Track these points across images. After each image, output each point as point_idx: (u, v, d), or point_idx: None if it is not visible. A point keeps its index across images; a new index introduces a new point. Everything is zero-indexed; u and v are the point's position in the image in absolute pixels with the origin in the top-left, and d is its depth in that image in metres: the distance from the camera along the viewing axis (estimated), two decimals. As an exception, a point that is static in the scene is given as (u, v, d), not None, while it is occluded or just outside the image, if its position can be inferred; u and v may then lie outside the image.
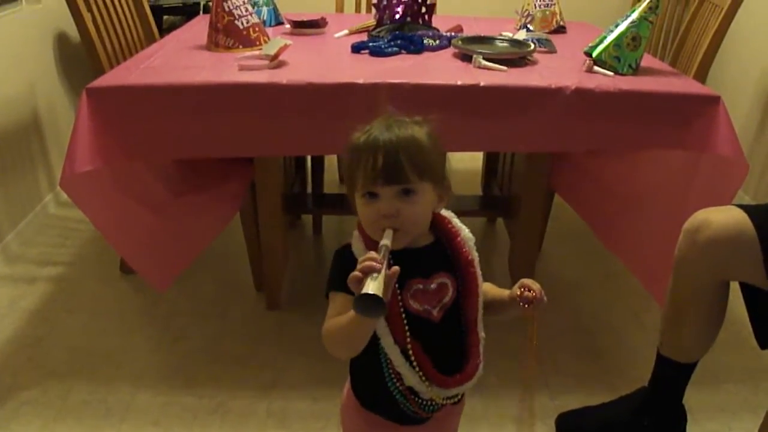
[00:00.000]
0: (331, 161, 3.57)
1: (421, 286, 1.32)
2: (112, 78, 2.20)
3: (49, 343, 2.52)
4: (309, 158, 3.31)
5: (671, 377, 2.04)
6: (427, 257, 1.25)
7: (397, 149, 1.24)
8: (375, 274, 1.12)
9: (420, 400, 1.35)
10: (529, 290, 1.34)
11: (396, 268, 1.15)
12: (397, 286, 1.27)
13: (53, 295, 2.83)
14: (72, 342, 2.53)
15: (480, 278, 1.38)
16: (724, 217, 1.77)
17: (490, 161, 3.36)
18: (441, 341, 1.34)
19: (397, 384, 1.33)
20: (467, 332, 1.37)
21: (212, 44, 2.50)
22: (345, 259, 1.30)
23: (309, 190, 3.34)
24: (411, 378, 1.32)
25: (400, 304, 1.29)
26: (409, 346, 1.30)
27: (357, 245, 1.32)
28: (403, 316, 1.29)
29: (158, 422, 2.17)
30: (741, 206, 1.80)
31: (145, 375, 2.38)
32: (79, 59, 3.54)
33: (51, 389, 2.29)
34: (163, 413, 2.21)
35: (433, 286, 1.33)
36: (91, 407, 2.22)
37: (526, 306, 1.34)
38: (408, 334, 1.30)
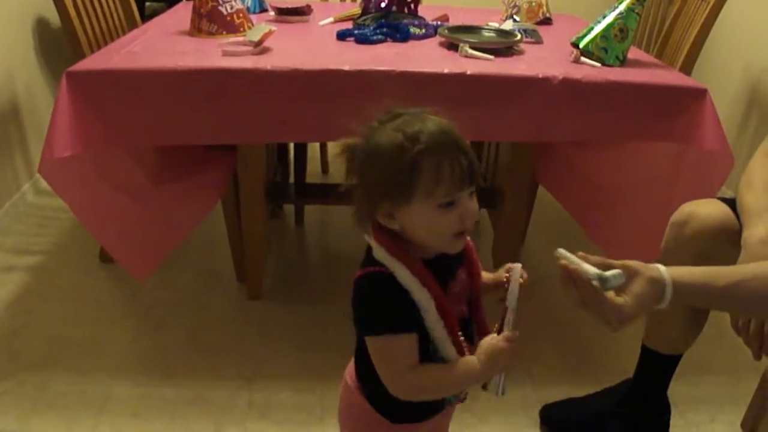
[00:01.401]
0: (314, 150, 3.55)
1: (457, 289, 1.29)
2: (92, 62, 2.17)
3: (27, 333, 2.49)
4: (292, 147, 3.28)
5: (656, 369, 2.05)
6: (448, 256, 1.23)
7: (467, 147, 1.19)
8: None
9: (461, 394, 1.36)
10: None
11: None
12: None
13: (31, 285, 2.79)
14: (50, 332, 2.50)
15: None
16: (711, 210, 1.80)
17: (475, 151, 3.33)
18: (469, 331, 1.32)
19: None
20: (477, 312, 1.35)
21: (195, 30, 2.48)
22: (395, 294, 1.20)
23: (291, 179, 3.31)
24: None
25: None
26: (466, 353, 1.26)
27: (402, 273, 1.20)
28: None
29: (137, 413, 2.15)
30: (725, 200, 1.83)
31: (125, 366, 2.35)
32: (59, 45, 3.50)
33: (28, 380, 2.26)
34: (143, 404, 2.18)
35: (459, 285, 1.30)
36: (70, 398, 2.19)
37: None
38: (463, 340, 1.27)
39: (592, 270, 1.22)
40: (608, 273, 1.21)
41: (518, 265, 1.31)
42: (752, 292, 1.33)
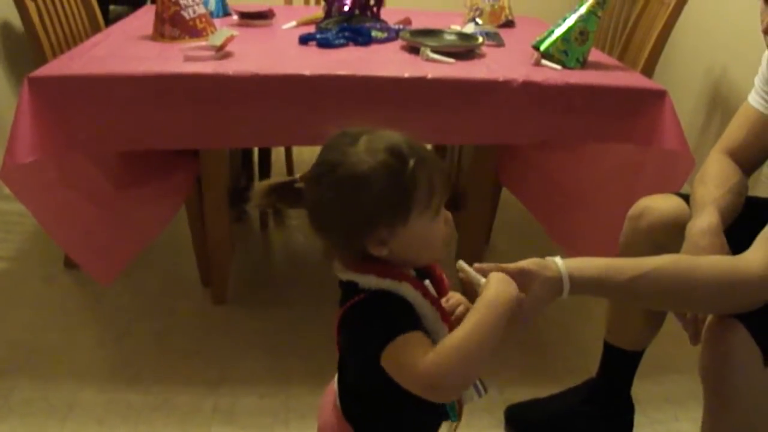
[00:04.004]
0: (278, 154, 3.54)
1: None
2: (54, 67, 2.16)
3: (-10, 339, 2.47)
4: (256, 151, 3.27)
5: (619, 366, 2.07)
6: (419, 273, 1.23)
7: None
8: None
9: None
10: None
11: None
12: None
13: (-6, 291, 2.77)
14: (14, 338, 2.48)
15: None
16: (665, 203, 1.84)
17: (438, 154, 3.35)
18: None
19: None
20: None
21: (158, 35, 2.47)
22: (401, 304, 1.17)
23: (256, 183, 3.31)
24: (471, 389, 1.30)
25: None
26: None
27: (405, 289, 1.18)
28: None
29: (102, 420, 2.14)
30: (681, 195, 1.87)
31: (89, 372, 2.34)
32: (22, 49, 3.47)
33: (-8, 387, 2.25)
34: (108, 411, 2.17)
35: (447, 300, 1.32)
36: (34, 406, 2.18)
37: None
38: None
39: (482, 280, 1.23)
40: None
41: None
42: (651, 286, 1.38)
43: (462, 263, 1.28)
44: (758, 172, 1.91)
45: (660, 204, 1.84)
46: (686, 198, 1.83)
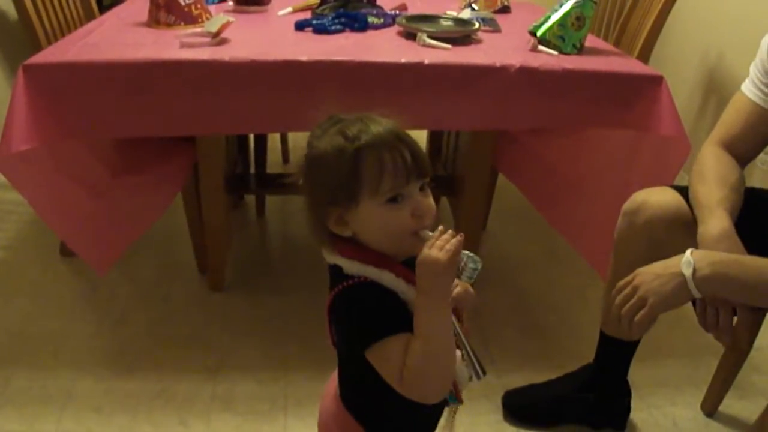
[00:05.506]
0: (274, 141, 3.54)
1: None
2: (49, 55, 2.15)
3: (-13, 328, 2.47)
4: (252, 137, 3.27)
5: (614, 355, 2.07)
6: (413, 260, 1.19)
7: (412, 141, 1.17)
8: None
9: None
10: None
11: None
12: None
13: (-10, 280, 2.76)
14: (10, 328, 2.47)
15: None
16: (662, 198, 1.83)
17: (434, 140, 3.35)
18: None
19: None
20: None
21: (153, 21, 2.45)
22: (383, 296, 1.17)
23: (252, 170, 3.30)
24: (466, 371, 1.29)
25: None
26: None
27: (386, 277, 1.17)
28: None
29: (100, 408, 2.14)
30: (678, 188, 1.85)
31: (87, 360, 2.34)
32: (16, 37, 3.46)
33: (-11, 376, 2.24)
34: (106, 399, 2.17)
35: None
36: (31, 395, 2.18)
37: None
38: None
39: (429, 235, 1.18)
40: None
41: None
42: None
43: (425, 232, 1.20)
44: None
45: (657, 198, 1.83)
46: (682, 191, 1.82)
